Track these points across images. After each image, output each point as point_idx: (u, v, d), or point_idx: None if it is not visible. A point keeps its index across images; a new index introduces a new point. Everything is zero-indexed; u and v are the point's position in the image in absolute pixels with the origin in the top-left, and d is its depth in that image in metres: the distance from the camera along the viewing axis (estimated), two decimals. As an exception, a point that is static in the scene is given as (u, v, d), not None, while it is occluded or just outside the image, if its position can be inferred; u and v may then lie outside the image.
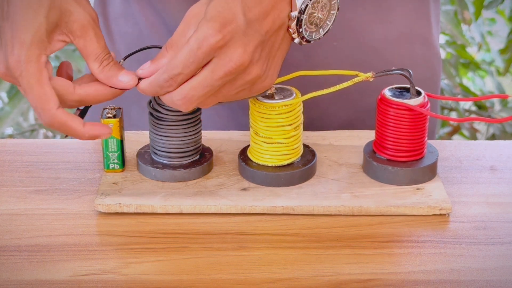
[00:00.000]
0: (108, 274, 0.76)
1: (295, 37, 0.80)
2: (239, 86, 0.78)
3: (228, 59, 0.75)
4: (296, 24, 0.79)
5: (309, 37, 0.81)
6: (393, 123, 0.87)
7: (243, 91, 0.80)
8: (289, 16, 0.79)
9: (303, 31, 0.80)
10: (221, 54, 0.75)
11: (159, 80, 0.78)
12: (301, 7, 0.79)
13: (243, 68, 0.76)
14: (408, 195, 0.86)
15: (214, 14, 0.75)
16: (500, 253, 0.79)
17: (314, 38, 0.82)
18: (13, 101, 1.90)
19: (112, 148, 0.88)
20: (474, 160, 0.94)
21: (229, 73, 0.76)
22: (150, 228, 0.82)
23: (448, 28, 2.09)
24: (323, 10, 0.81)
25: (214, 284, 0.75)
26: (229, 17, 0.75)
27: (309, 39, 0.81)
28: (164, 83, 0.77)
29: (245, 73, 0.77)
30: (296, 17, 0.79)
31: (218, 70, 0.76)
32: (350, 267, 0.77)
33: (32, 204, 0.86)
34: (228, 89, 0.78)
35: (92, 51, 0.79)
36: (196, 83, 0.77)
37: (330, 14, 0.82)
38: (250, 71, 0.77)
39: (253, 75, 0.78)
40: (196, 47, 0.75)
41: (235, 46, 0.75)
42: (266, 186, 0.87)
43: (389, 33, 1.01)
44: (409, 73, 0.85)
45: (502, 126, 2.20)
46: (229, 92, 0.79)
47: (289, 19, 0.79)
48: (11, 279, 0.75)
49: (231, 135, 0.97)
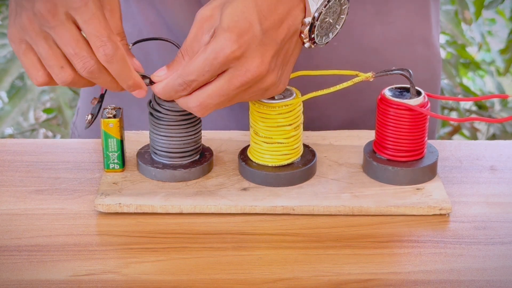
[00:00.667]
0: (108, 274, 0.76)
1: (306, 42, 0.81)
2: (253, 93, 0.79)
3: (245, 70, 0.76)
4: (309, 30, 0.80)
5: (319, 42, 0.81)
6: (393, 123, 0.87)
7: (256, 96, 0.81)
8: (303, 22, 0.79)
9: (315, 37, 0.80)
10: (238, 65, 0.76)
11: (174, 84, 0.78)
12: (315, 14, 0.79)
13: (260, 78, 0.77)
14: (408, 195, 0.86)
15: (230, 24, 0.75)
16: (500, 253, 0.79)
17: (324, 42, 0.82)
18: (13, 101, 1.90)
19: (112, 148, 0.88)
20: (474, 160, 0.94)
21: (246, 84, 0.77)
22: (150, 228, 0.82)
23: (449, 28, 2.09)
24: (334, 14, 0.82)
25: (214, 284, 0.75)
26: (246, 27, 0.75)
27: (319, 43, 0.82)
28: (178, 87, 0.78)
29: (261, 82, 0.78)
30: (309, 23, 0.79)
31: (235, 80, 0.77)
32: (350, 267, 0.77)
33: (32, 204, 0.86)
34: (242, 96, 0.79)
35: (115, 27, 0.79)
36: (212, 92, 0.78)
37: (339, 18, 0.82)
38: (266, 80, 0.78)
39: (269, 83, 0.79)
40: (213, 57, 0.75)
41: (252, 57, 0.76)
42: (266, 186, 0.87)
43: (390, 34, 1.01)
44: (409, 73, 0.85)
45: (503, 126, 2.20)
46: (243, 98, 0.80)
47: (302, 24, 0.80)
48: (11, 279, 0.75)
49: (231, 135, 0.97)
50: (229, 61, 0.76)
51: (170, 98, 0.80)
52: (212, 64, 0.76)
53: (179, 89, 0.78)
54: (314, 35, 0.80)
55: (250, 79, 0.77)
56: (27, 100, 1.91)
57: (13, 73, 1.84)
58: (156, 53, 1.02)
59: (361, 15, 0.99)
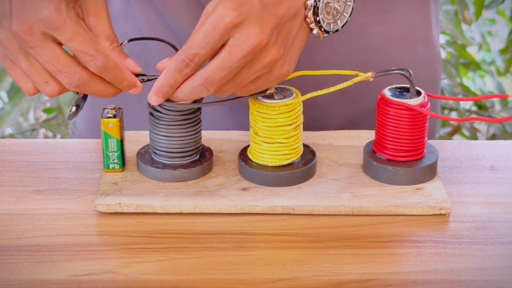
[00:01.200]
0: (108, 274, 0.76)
1: (313, 27, 0.81)
2: (258, 71, 0.78)
3: (245, 38, 0.75)
4: (313, 14, 0.80)
5: (327, 27, 0.81)
6: (393, 123, 0.87)
7: (262, 77, 0.80)
8: (306, 5, 0.80)
9: (320, 21, 0.80)
10: (237, 34, 0.76)
11: (177, 62, 0.78)
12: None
13: (260, 47, 0.76)
14: (408, 195, 0.86)
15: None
16: (500, 253, 0.79)
17: (332, 29, 0.82)
18: (14, 100, 1.90)
19: (112, 148, 0.88)
20: (474, 160, 0.94)
21: (247, 54, 0.76)
22: (150, 228, 0.82)
23: (449, 28, 2.09)
24: (339, 1, 0.82)
25: (214, 284, 0.75)
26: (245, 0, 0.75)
27: (327, 29, 0.82)
28: (181, 64, 0.77)
29: (262, 55, 0.77)
30: (312, 5, 0.79)
31: (235, 50, 0.76)
32: (350, 267, 0.77)
33: (32, 204, 0.86)
34: (246, 73, 0.78)
35: (103, 31, 0.79)
36: (215, 66, 0.77)
37: (346, 5, 0.83)
38: (267, 53, 0.77)
39: (271, 58, 0.78)
40: (212, 27, 0.75)
41: (251, 25, 0.75)
42: (266, 186, 0.87)
43: (390, 34, 1.01)
44: (409, 73, 0.85)
45: (503, 126, 2.20)
46: (248, 77, 0.79)
47: (306, 8, 0.80)
48: (11, 279, 0.75)
49: (231, 135, 0.97)
50: (229, 30, 0.75)
51: (176, 84, 0.79)
52: (212, 34, 0.75)
53: (183, 67, 0.77)
54: (319, 18, 0.80)
55: (250, 48, 0.76)
56: (27, 100, 1.91)
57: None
58: (157, 52, 1.02)
59: (362, 15, 0.99)
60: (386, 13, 1.00)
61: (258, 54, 0.77)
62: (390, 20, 1.01)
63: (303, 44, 0.81)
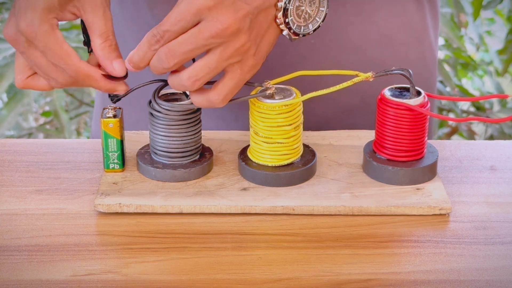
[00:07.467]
0: (108, 274, 0.76)
1: (283, 28, 0.81)
2: (230, 56, 0.79)
3: (216, 20, 0.77)
4: (283, 15, 0.80)
5: (296, 30, 0.82)
6: (393, 123, 0.87)
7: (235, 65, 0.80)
8: (276, 5, 0.80)
9: (290, 22, 0.81)
10: (209, 16, 0.77)
11: (148, 37, 0.79)
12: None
13: (230, 31, 0.77)
14: (408, 195, 0.86)
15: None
16: (500, 253, 0.79)
17: (303, 32, 0.83)
18: (10, 105, 1.90)
19: (112, 148, 0.88)
20: (474, 160, 0.94)
21: (216, 35, 0.77)
22: (150, 228, 0.82)
23: (444, 31, 2.09)
24: (312, 5, 0.83)
25: (214, 284, 0.75)
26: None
27: (297, 32, 0.82)
28: (152, 39, 0.79)
29: (234, 40, 0.78)
30: (281, 7, 0.80)
31: (205, 30, 0.77)
32: (350, 267, 0.77)
33: (32, 204, 0.86)
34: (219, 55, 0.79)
35: (98, 28, 0.81)
36: (181, 39, 0.78)
37: (319, 11, 0.83)
38: (239, 38, 0.78)
39: (242, 42, 0.78)
40: (185, 8, 0.77)
41: (224, 10, 0.77)
42: (266, 186, 0.87)
43: (370, 34, 1.01)
44: (409, 73, 0.86)
45: (500, 127, 2.20)
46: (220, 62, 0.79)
47: (276, 8, 0.80)
48: (11, 279, 0.75)
49: (231, 135, 0.97)
50: (201, 11, 0.77)
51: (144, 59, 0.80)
52: (184, 13, 0.77)
53: (153, 42, 0.79)
54: (289, 20, 0.81)
55: (220, 29, 0.77)
56: (24, 104, 1.91)
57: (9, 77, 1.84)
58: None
59: (342, 14, 0.99)
60: (366, 14, 1.00)
61: (231, 40, 0.78)
62: (370, 21, 1.00)
63: (272, 42, 0.82)
